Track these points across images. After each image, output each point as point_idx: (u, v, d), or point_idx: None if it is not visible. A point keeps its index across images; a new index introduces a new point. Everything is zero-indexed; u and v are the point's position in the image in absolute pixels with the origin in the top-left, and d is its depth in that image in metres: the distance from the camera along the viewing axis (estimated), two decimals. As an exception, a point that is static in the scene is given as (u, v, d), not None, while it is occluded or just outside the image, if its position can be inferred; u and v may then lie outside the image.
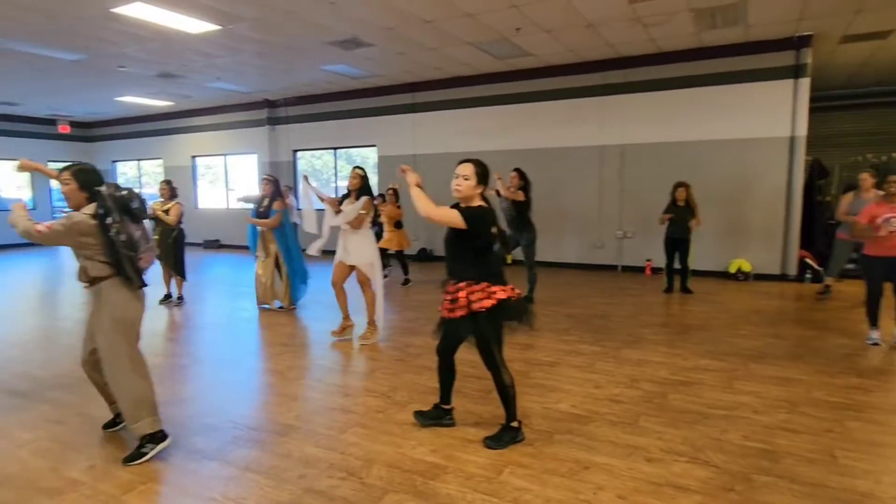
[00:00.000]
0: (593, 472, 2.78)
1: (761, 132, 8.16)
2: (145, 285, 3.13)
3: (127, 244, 2.87)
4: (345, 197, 5.25)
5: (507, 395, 3.09)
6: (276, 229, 6.40)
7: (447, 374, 3.29)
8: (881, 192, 6.33)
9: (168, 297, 7.10)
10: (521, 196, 6.49)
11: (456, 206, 3.01)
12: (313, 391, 4.02)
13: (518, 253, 6.95)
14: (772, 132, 8.09)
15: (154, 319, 6.38)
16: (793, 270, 8.26)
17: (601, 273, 9.31)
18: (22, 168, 3.42)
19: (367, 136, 11.77)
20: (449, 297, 3.04)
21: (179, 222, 6.81)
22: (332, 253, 5.27)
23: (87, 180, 2.89)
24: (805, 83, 7.83)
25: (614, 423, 3.37)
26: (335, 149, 12.55)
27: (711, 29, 7.31)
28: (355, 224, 5.05)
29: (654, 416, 3.46)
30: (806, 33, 7.53)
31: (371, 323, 5.29)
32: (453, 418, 3.34)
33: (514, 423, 3.12)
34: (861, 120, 10.95)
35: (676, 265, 7.47)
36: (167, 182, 6.96)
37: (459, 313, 2.97)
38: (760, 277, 8.35)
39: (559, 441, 3.12)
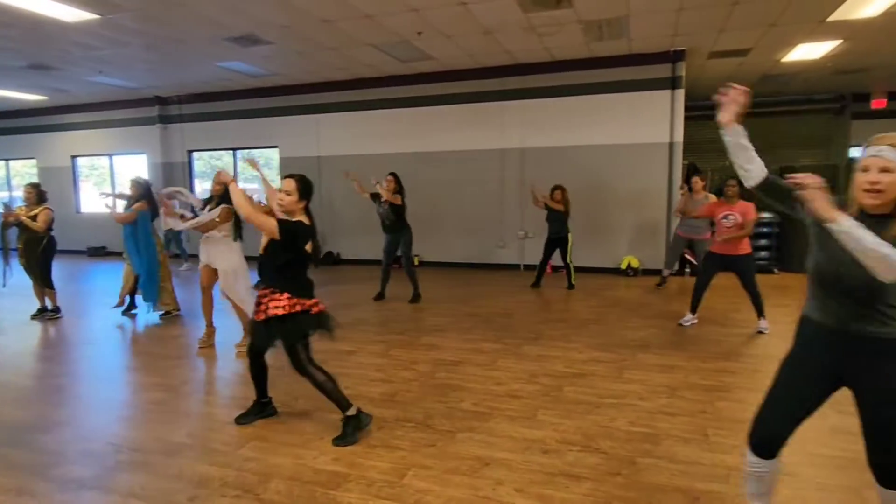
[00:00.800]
0: (493, 467, 2.87)
1: (644, 138, 8.82)
2: None
3: None
4: (207, 202, 5.07)
5: (326, 391, 3.20)
6: (128, 231, 6.07)
7: (259, 372, 3.42)
8: (711, 195, 7.23)
9: (42, 310, 6.45)
10: (398, 200, 6.80)
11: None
12: (209, 406, 3.83)
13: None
14: (653, 138, 8.77)
15: (27, 336, 5.78)
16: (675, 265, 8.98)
17: (504, 272, 9.62)
18: None
19: (269, 137, 11.35)
20: (257, 301, 3.20)
21: (49, 229, 6.23)
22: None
23: None
24: (680, 94, 8.57)
25: (514, 417, 3.50)
26: (235, 149, 12.00)
27: (599, 40, 7.79)
28: (202, 228, 4.93)
29: (550, 409, 3.63)
30: (680, 48, 8.24)
31: (246, 330, 5.13)
32: (274, 406, 3.54)
33: (351, 412, 3.21)
34: (729, 128, 12.21)
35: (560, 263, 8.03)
36: (33, 185, 6.38)
37: (261, 317, 3.13)
38: (648, 272, 9.01)
39: (461, 440, 3.20)
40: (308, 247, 3.18)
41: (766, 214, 9.14)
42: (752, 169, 1.99)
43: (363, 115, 10.42)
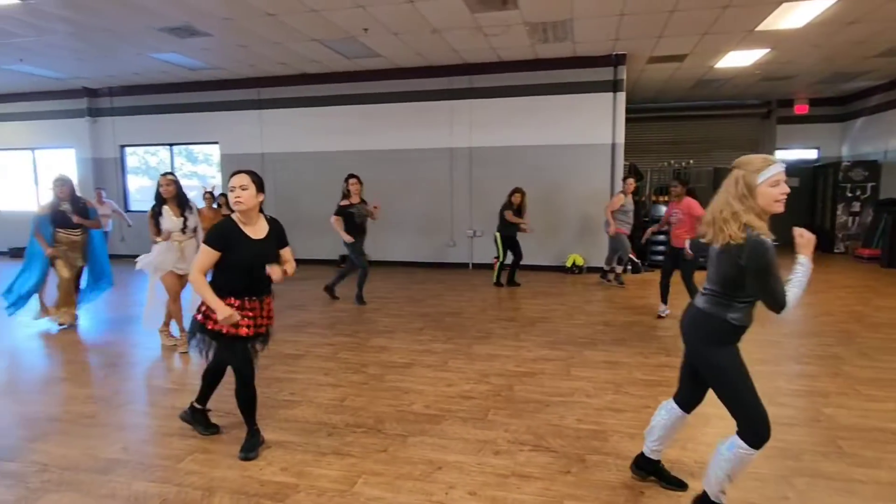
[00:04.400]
0: (446, 471, 2.86)
1: (588, 139, 9.05)
2: None
3: None
4: (161, 203, 4.83)
5: (255, 405, 3.10)
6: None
7: (216, 381, 3.29)
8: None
9: None
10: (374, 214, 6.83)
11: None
12: (145, 417, 3.62)
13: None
14: (596, 139, 9.02)
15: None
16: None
17: (453, 271, 9.65)
18: None
19: (208, 133, 10.90)
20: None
21: None
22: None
23: None
24: (622, 97, 8.84)
25: (465, 419, 3.50)
26: (171, 145, 11.46)
27: (544, 42, 7.92)
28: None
29: (501, 409, 3.65)
30: (621, 52, 8.50)
31: (184, 331, 5.00)
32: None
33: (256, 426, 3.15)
34: (666, 130, 12.80)
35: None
36: None
37: (251, 332, 2.98)
38: (592, 270, 9.25)
39: (413, 444, 3.16)
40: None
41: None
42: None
43: (309, 111, 10.19)
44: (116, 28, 7.11)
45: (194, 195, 5.17)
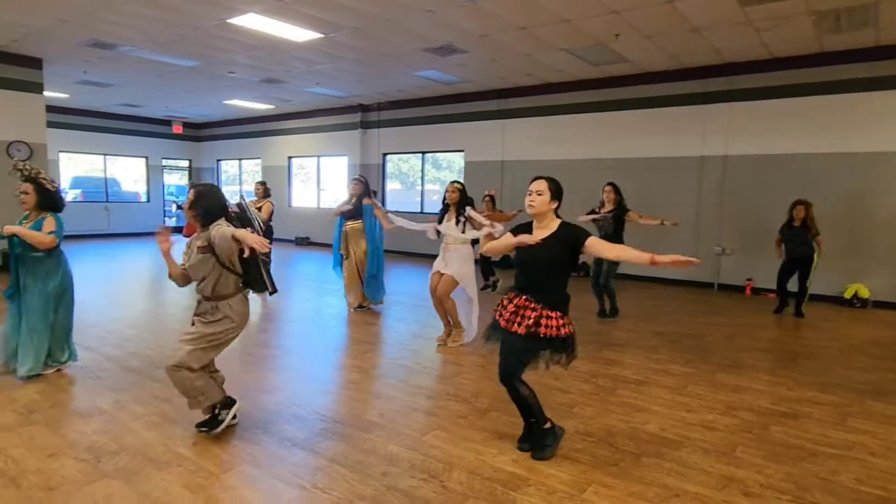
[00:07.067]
0: (683, 500, 2.62)
1: (888, 145, 7.38)
2: (276, 290, 3.39)
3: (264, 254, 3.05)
4: (443, 212, 5.28)
5: (528, 404, 3.05)
6: (366, 227, 6.48)
7: (527, 393, 3.09)
8: None
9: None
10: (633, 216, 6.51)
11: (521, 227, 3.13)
12: (396, 391, 4.08)
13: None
14: (902, 145, 7.31)
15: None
16: None
17: (695, 290, 8.82)
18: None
19: (454, 142, 11.89)
20: (512, 310, 3.01)
21: (269, 219, 7.27)
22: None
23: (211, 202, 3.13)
24: (947, 91, 7.00)
25: (707, 450, 3.17)
26: (423, 153, 12.79)
27: (835, 33, 6.71)
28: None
29: (752, 448, 3.22)
30: (952, 35, 6.75)
31: (458, 325, 5.35)
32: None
33: (547, 426, 3.05)
34: None
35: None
36: (262, 183, 7.67)
37: (521, 330, 2.94)
38: (881, 305, 7.54)
39: (646, 464, 2.98)
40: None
41: None
42: None
43: (549, 120, 10.37)
44: (391, 52, 8.20)
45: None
